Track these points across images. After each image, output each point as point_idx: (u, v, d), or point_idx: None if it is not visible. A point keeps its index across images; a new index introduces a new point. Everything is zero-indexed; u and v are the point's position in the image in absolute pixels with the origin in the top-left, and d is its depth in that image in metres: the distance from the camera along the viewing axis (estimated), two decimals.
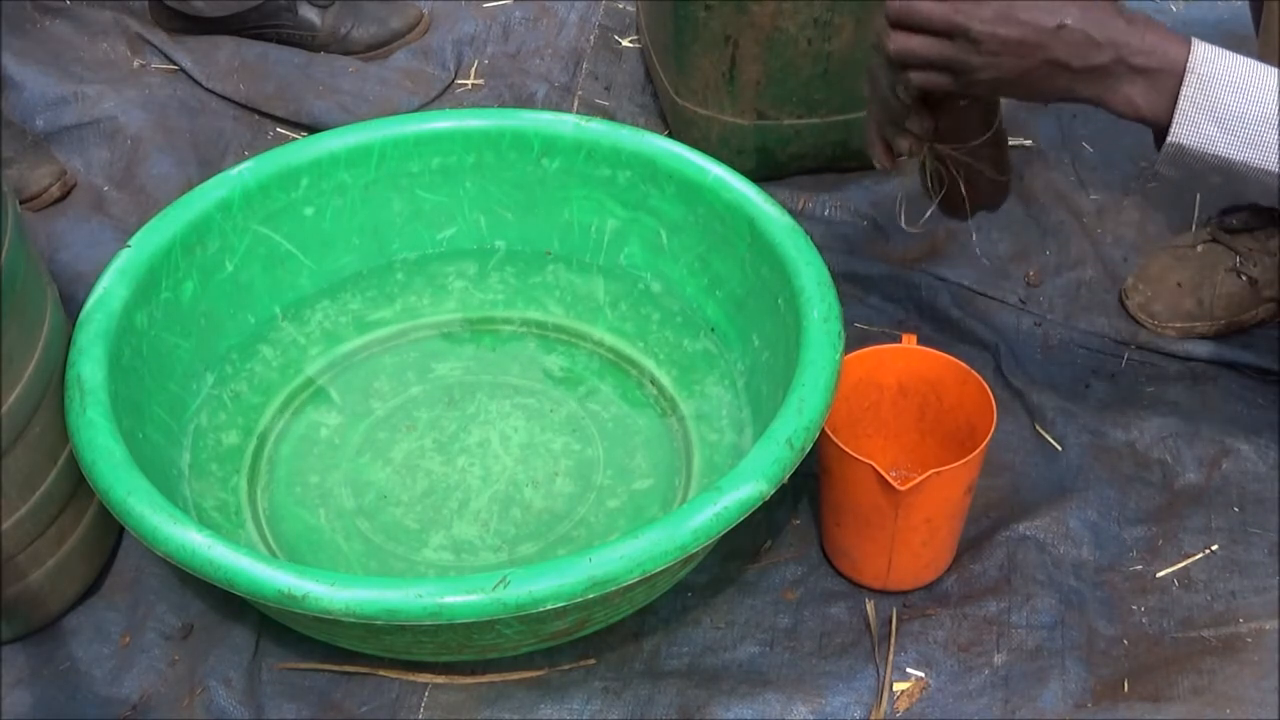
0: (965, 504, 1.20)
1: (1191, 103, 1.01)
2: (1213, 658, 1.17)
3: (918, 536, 1.18)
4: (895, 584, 1.23)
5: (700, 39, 1.55)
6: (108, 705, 1.17)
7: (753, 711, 1.14)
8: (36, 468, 1.14)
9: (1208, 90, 1.01)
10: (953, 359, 1.21)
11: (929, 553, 1.21)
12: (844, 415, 1.23)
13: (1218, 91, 1.01)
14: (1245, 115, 1.01)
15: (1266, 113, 1.00)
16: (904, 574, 1.22)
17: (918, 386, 1.24)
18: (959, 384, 1.21)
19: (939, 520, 1.18)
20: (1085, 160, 1.67)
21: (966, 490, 1.18)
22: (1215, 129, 1.02)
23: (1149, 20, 1.04)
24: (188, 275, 1.33)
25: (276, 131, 1.77)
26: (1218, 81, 1.01)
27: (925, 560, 1.22)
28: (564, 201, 1.45)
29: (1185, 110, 1.02)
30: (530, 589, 1.02)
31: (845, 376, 1.19)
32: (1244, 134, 1.01)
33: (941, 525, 1.19)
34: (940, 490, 1.15)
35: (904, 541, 1.18)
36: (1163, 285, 1.46)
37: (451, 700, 1.17)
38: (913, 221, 1.30)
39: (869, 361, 1.24)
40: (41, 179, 1.63)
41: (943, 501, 1.16)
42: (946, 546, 1.23)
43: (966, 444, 1.19)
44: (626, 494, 1.29)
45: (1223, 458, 1.33)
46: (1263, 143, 1.01)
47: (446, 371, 1.41)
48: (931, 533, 1.18)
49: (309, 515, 1.29)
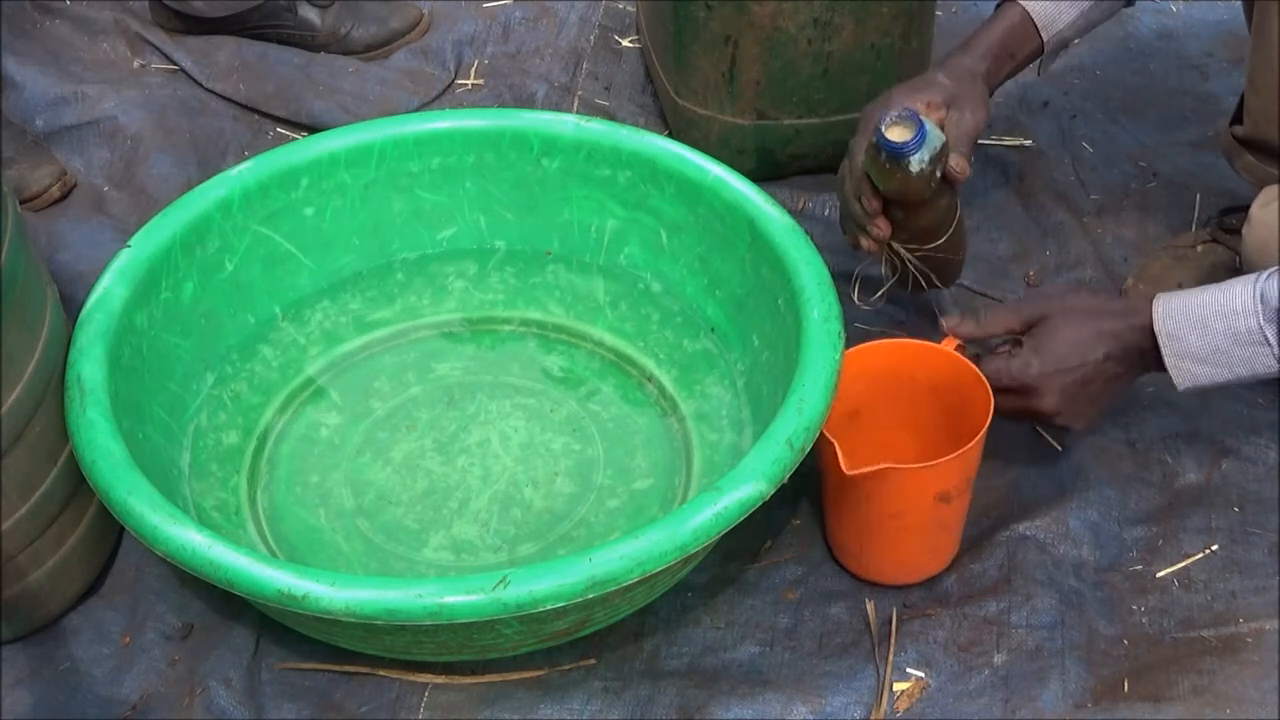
0: (943, 513, 1.19)
1: (1174, 357, 1.16)
2: (1213, 658, 1.17)
3: (885, 532, 1.19)
4: (871, 574, 1.24)
5: (700, 39, 1.55)
6: (108, 705, 1.17)
7: (753, 711, 1.14)
8: (36, 468, 1.14)
9: (1179, 344, 1.16)
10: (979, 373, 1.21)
11: (902, 553, 1.21)
12: (866, 398, 1.24)
13: (1187, 340, 1.15)
14: (1217, 348, 1.15)
15: (1235, 332, 1.14)
16: (877, 567, 1.23)
17: (947, 388, 1.24)
18: (978, 392, 1.20)
19: (908, 520, 1.18)
20: (1085, 160, 1.67)
21: (938, 498, 1.17)
22: (1205, 367, 1.16)
23: (1132, 301, 1.22)
24: (188, 275, 1.33)
25: (276, 131, 1.77)
26: (1182, 332, 1.15)
27: (899, 559, 1.22)
28: (564, 201, 1.45)
29: (1174, 366, 1.17)
30: (530, 589, 1.02)
31: (871, 362, 1.22)
32: (1226, 361, 1.15)
33: (912, 526, 1.18)
34: (901, 488, 1.15)
35: (871, 533, 1.20)
36: (1163, 285, 1.46)
37: (451, 700, 1.17)
38: (865, 298, 1.38)
39: (899, 354, 1.24)
40: (41, 179, 1.63)
41: (908, 502, 1.16)
42: (924, 550, 1.22)
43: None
44: (626, 494, 1.29)
45: (1223, 458, 1.33)
46: (1245, 359, 1.14)
47: (446, 371, 1.41)
48: (900, 532, 1.18)
49: (309, 515, 1.29)
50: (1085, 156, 1.68)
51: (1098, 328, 1.18)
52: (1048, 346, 1.18)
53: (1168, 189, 1.63)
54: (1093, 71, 1.81)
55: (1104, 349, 1.18)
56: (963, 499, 1.20)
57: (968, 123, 1.29)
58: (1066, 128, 1.71)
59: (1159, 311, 1.16)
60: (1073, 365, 1.18)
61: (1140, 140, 1.70)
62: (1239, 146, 1.36)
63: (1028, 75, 1.79)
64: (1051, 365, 1.18)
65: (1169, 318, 1.16)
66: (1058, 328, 1.19)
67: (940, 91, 1.30)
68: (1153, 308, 1.17)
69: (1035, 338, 1.20)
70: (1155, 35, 1.87)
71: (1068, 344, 1.18)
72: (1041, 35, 1.35)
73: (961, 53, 1.35)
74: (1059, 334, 1.18)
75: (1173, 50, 1.84)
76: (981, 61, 1.34)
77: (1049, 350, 1.18)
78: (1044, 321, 1.20)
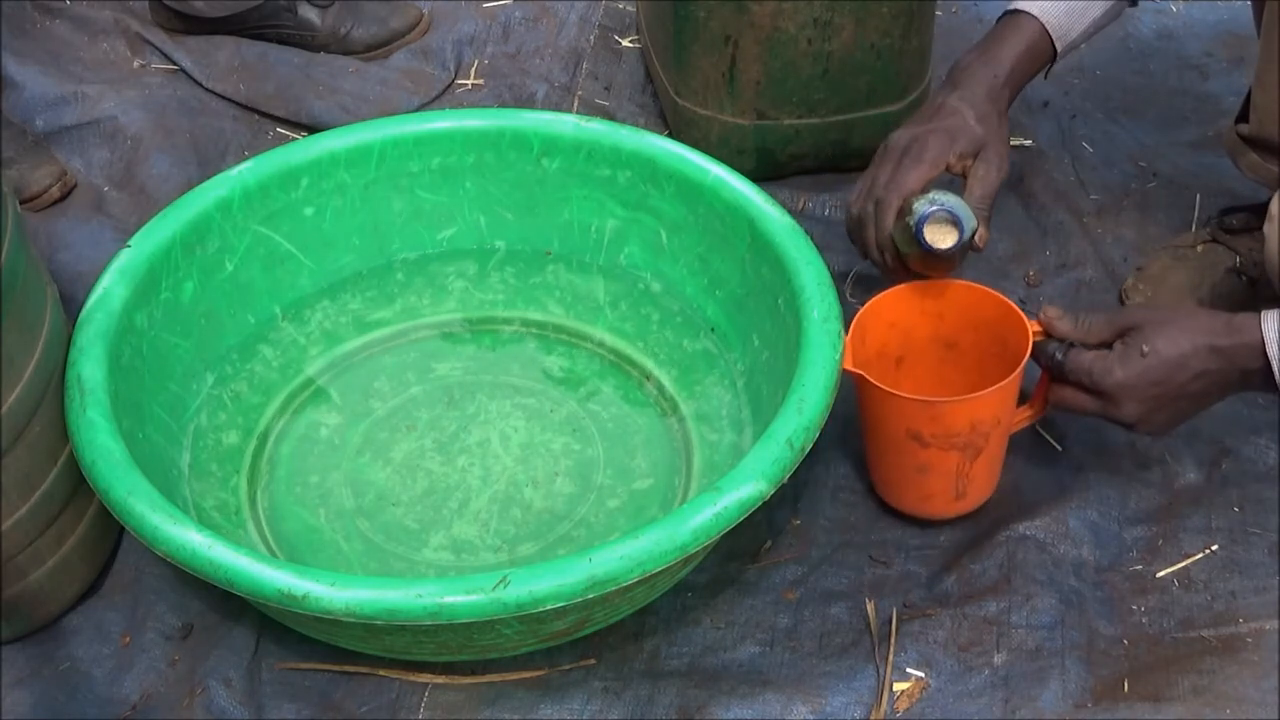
0: (918, 451, 1.20)
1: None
2: (1213, 658, 1.17)
3: (906, 454, 1.22)
4: (900, 504, 1.29)
5: (700, 39, 1.55)
6: (108, 705, 1.17)
7: (753, 711, 1.14)
8: (36, 468, 1.14)
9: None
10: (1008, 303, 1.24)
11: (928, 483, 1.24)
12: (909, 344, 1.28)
13: None
14: None
15: None
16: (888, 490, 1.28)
17: (986, 325, 1.26)
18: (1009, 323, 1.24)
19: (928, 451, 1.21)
20: (1085, 160, 1.67)
21: (913, 436, 1.18)
22: None
23: (1241, 318, 1.16)
24: (188, 275, 1.33)
25: (276, 131, 1.76)
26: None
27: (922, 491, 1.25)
28: (564, 201, 1.45)
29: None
30: (530, 589, 1.02)
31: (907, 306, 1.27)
32: None
33: (887, 450, 1.23)
34: (892, 415, 1.19)
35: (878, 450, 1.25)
36: (1163, 285, 1.46)
37: (451, 700, 1.17)
38: (860, 295, 1.38)
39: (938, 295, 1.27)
40: (41, 179, 1.63)
41: (894, 426, 1.20)
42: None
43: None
44: (626, 494, 1.29)
45: (1223, 458, 1.33)
46: None
47: (446, 371, 1.41)
48: (920, 453, 1.21)
49: (309, 515, 1.29)
50: (1085, 156, 1.68)
51: (1195, 343, 1.15)
52: (1134, 356, 1.16)
53: (1168, 189, 1.63)
54: (1093, 71, 1.81)
55: (1200, 365, 1.15)
56: (994, 433, 1.21)
57: (992, 180, 1.28)
58: (1066, 128, 1.71)
59: (1269, 329, 1.12)
60: (1160, 378, 1.16)
61: (1140, 140, 1.70)
62: (1243, 144, 1.35)
63: None
64: (1135, 375, 1.16)
65: (1276, 343, 1.12)
66: (1150, 338, 1.16)
67: (970, 141, 1.28)
68: (1263, 327, 1.13)
69: (1125, 345, 1.17)
70: (1155, 35, 1.87)
71: (1158, 356, 1.16)
72: (1055, 46, 1.34)
73: (983, 76, 1.31)
74: (1150, 344, 1.16)
75: (1173, 50, 1.84)
76: (1005, 87, 1.32)
77: (1135, 360, 1.16)
78: (1136, 331, 1.17)
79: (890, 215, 1.26)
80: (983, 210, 1.27)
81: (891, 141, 1.31)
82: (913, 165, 1.27)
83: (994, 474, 1.27)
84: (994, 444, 1.22)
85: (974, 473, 1.22)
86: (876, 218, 1.28)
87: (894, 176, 1.28)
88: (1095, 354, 1.18)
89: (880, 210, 1.27)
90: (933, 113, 1.31)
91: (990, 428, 1.19)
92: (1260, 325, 1.13)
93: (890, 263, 1.28)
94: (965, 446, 1.19)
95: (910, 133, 1.30)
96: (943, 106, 1.31)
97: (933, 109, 1.32)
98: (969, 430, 1.18)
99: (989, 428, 1.19)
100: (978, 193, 1.28)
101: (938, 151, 1.28)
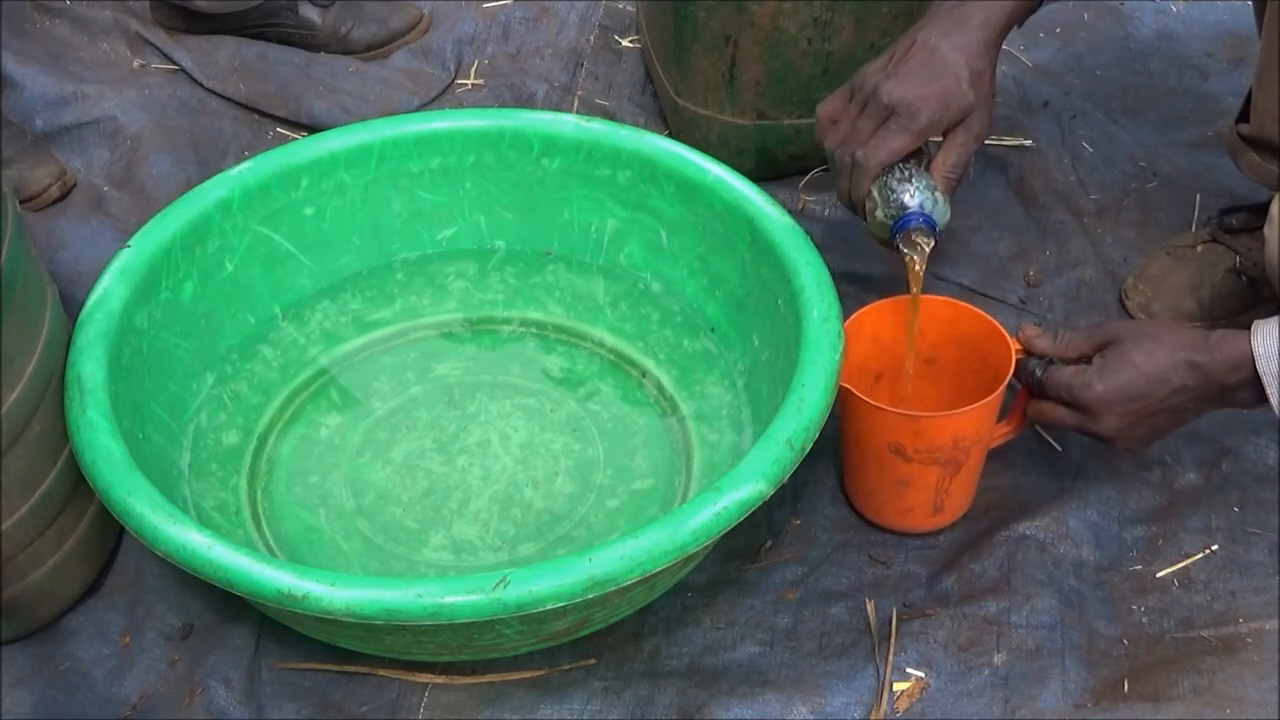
0: (899, 465, 1.20)
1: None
2: (1213, 658, 1.17)
3: (885, 467, 1.22)
4: (880, 519, 1.29)
5: (700, 39, 1.55)
6: (108, 705, 1.17)
7: (753, 711, 1.14)
8: (36, 468, 1.14)
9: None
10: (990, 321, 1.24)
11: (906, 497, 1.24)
12: (888, 359, 1.28)
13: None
14: None
15: None
16: (867, 503, 1.28)
17: (969, 341, 1.26)
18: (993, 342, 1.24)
19: (870, 455, 1.22)
20: (1085, 160, 1.67)
21: (896, 450, 1.18)
22: None
23: (1219, 334, 1.15)
24: (188, 275, 1.33)
25: (276, 131, 1.77)
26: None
27: (901, 505, 1.25)
28: (564, 201, 1.45)
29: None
30: (530, 589, 1.02)
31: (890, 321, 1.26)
32: None
33: (869, 461, 1.23)
34: (868, 425, 1.20)
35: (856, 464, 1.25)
36: (1163, 285, 1.46)
37: (451, 700, 1.17)
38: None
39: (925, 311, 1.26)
40: (41, 179, 1.63)
41: (870, 440, 1.20)
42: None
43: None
44: (626, 494, 1.29)
45: (1223, 458, 1.33)
46: None
47: (446, 371, 1.41)
48: (900, 466, 1.21)
49: (309, 515, 1.29)
50: (1085, 156, 1.68)
51: (1174, 358, 1.14)
52: (1113, 370, 1.15)
53: (1168, 189, 1.63)
54: (1093, 71, 1.81)
55: (1179, 380, 1.14)
56: (970, 454, 1.21)
57: (969, 148, 1.24)
58: (1066, 128, 1.71)
59: (1258, 345, 1.11)
60: (1139, 393, 1.15)
61: (1140, 140, 1.70)
62: (1243, 144, 1.35)
63: (1029, 75, 1.80)
64: (1115, 390, 1.15)
65: (1269, 358, 1.10)
66: (1128, 352, 1.15)
67: (960, 110, 1.22)
68: (1252, 343, 1.11)
69: (1104, 359, 1.16)
70: (1155, 35, 1.87)
71: (1137, 370, 1.15)
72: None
73: (978, 20, 1.22)
74: (1128, 359, 1.15)
75: (1173, 50, 1.84)
76: (999, 34, 1.23)
77: (1114, 374, 1.15)
78: (1115, 344, 1.17)
79: (867, 181, 1.22)
80: (952, 178, 1.24)
81: (884, 90, 1.21)
82: (900, 133, 1.20)
83: (971, 489, 1.27)
84: (974, 459, 1.22)
85: (953, 488, 1.22)
86: (853, 177, 1.23)
87: (879, 138, 1.21)
88: (1074, 369, 1.18)
89: (858, 174, 1.22)
90: (925, 60, 1.22)
91: (972, 443, 1.19)
92: (1246, 340, 1.12)
93: (864, 215, 1.25)
94: (947, 462, 1.19)
95: (904, 88, 1.21)
96: (936, 53, 1.22)
97: (926, 52, 1.22)
98: (951, 446, 1.18)
99: (971, 443, 1.19)
100: (951, 159, 1.23)
101: (928, 122, 1.21)
